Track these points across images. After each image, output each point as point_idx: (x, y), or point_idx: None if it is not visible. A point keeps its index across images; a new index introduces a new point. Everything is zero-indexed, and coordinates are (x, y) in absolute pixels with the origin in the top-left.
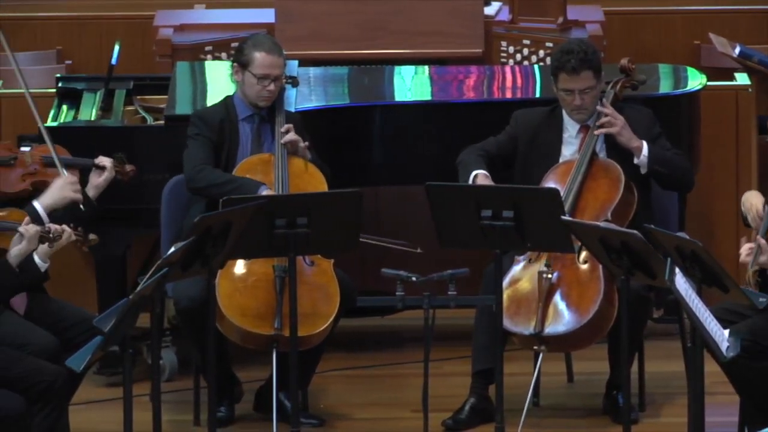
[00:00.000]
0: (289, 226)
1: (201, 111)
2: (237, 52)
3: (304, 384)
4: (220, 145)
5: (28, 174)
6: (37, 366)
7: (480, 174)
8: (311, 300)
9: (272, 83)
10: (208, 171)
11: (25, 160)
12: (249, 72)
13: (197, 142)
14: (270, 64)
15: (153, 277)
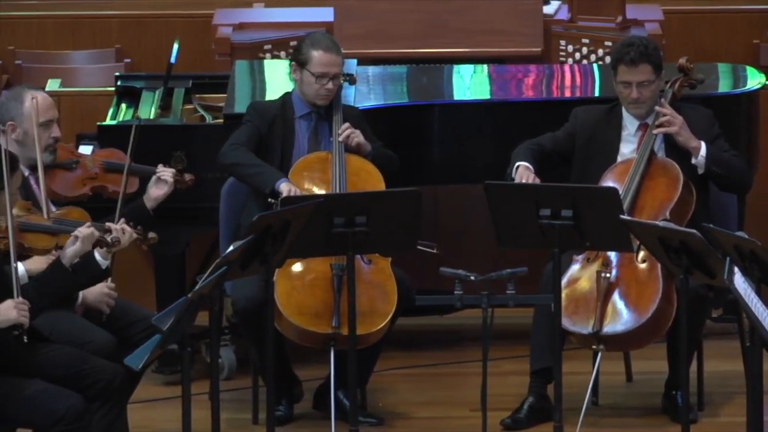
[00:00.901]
0: (347, 225)
1: (258, 102)
2: (295, 51)
3: (362, 383)
4: (269, 140)
5: (89, 178)
6: (96, 364)
7: (521, 165)
8: (369, 298)
9: (330, 81)
10: (241, 151)
11: (86, 164)
12: (307, 71)
13: (245, 127)
14: (328, 63)
15: (212, 276)
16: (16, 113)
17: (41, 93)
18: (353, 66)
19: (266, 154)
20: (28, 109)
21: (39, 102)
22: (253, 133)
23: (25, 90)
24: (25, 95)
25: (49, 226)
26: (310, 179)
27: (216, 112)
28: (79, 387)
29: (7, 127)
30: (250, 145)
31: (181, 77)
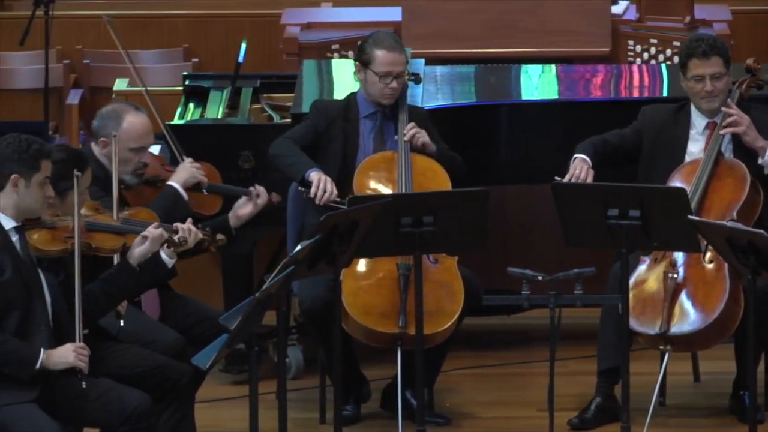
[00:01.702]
0: (415, 225)
1: (321, 101)
2: (359, 51)
3: (429, 382)
4: (328, 138)
5: None
6: (163, 364)
7: (578, 158)
8: (435, 298)
9: (394, 80)
10: (288, 143)
11: None
12: (371, 70)
13: (303, 123)
14: (391, 62)
15: (279, 276)
16: (112, 131)
17: (141, 116)
18: (421, 65)
19: (324, 152)
20: (123, 131)
21: (136, 126)
22: (308, 130)
23: (126, 110)
24: (124, 116)
25: (117, 226)
26: (376, 179)
27: (284, 112)
28: (146, 386)
29: (100, 143)
30: (301, 140)
31: (248, 77)
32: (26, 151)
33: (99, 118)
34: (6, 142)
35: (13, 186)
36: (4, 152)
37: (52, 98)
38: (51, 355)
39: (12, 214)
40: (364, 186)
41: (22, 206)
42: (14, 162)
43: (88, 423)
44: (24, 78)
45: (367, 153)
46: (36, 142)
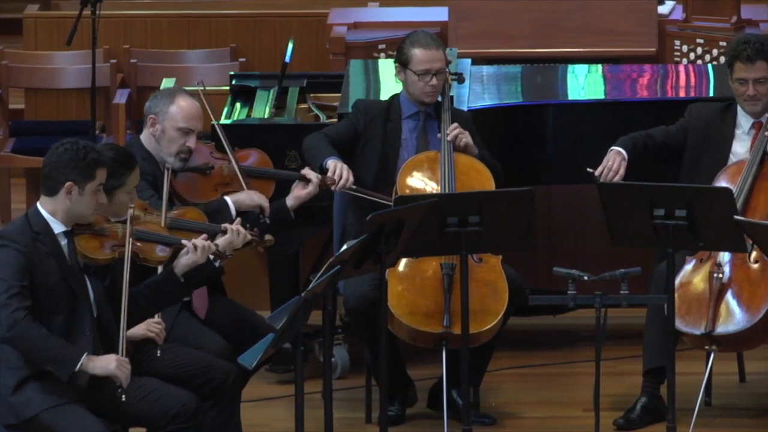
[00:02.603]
0: (461, 225)
1: (363, 100)
2: (397, 52)
3: (475, 382)
4: (367, 138)
5: (222, 184)
6: (209, 363)
7: (614, 150)
8: (480, 297)
9: (434, 77)
10: (318, 137)
11: (222, 170)
12: (410, 70)
13: (343, 121)
14: (429, 59)
15: (325, 275)
16: (161, 110)
17: (192, 101)
18: (467, 65)
19: (363, 150)
20: (173, 110)
21: (185, 108)
22: (346, 128)
23: (180, 92)
24: (176, 96)
25: (166, 237)
26: (419, 178)
27: (330, 112)
28: (192, 386)
29: (148, 120)
30: (336, 137)
31: (295, 76)
32: (83, 159)
33: (152, 98)
34: (63, 148)
35: (66, 193)
36: (60, 158)
37: (99, 98)
38: (93, 360)
39: (62, 219)
40: (408, 186)
41: (73, 213)
42: (70, 169)
43: (134, 422)
44: (71, 77)
45: (410, 153)
46: (93, 150)
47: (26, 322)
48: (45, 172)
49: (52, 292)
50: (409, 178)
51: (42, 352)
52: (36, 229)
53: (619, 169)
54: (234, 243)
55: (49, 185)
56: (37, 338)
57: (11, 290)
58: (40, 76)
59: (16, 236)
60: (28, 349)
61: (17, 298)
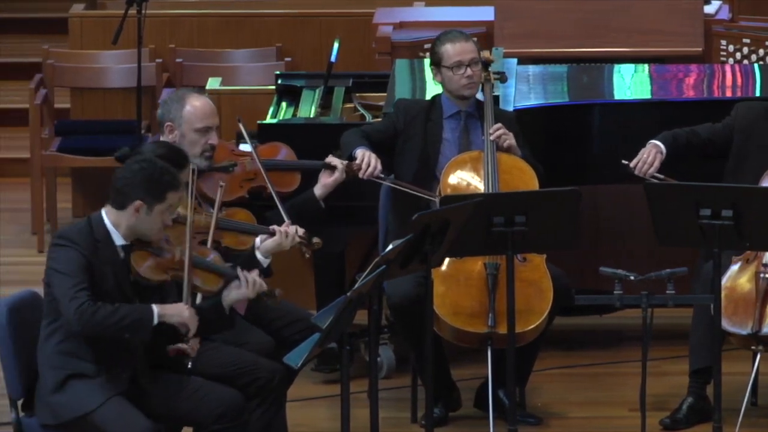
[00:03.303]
0: (507, 224)
1: (404, 99)
2: (430, 55)
3: (521, 382)
4: (407, 136)
5: (247, 180)
6: (255, 362)
7: (651, 143)
8: (524, 296)
9: (468, 69)
10: (353, 132)
11: (245, 167)
12: (444, 67)
13: (383, 120)
14: (460, 51)
15: (371, 275)
16: (176, 115)
17: (204, 98)
18: (513, 65)
19: (402, 150)
20: (187, 112)
21: (198, 108)
22: (384, 126)
23: (188, 93)
24: (186, 98)
25: (223, 269)
26: (463, 178)
27: (376, 111)
28: (238, 385)
29: (165, 128)
30: (374, 134)
31: (341, 76)
32: (157, 180)
33: (162, 105)
34: (139, 166)
35: (134, 210)
36: (135, 176)
37: (144, 97)
38: (165, 309)
39: (124, 233)
40: (451, 185)
41: (137, 230)
42: (142, 189)
43: (180, 421)
44: (117, 77)
45: (452, 153)
46: (168, 173)
47: (91, 308)
48: (117, 186)
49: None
50: (453, 177)
51: (118, 326)
52: (97, 236)
53: (654, 161)
54: (282, 245)
55: (119, 199)
56: (108, 316)
57: (80, 285)
58: (86, 76)
59: (77, 238)
60: (104, 330)
61: (85, 292)
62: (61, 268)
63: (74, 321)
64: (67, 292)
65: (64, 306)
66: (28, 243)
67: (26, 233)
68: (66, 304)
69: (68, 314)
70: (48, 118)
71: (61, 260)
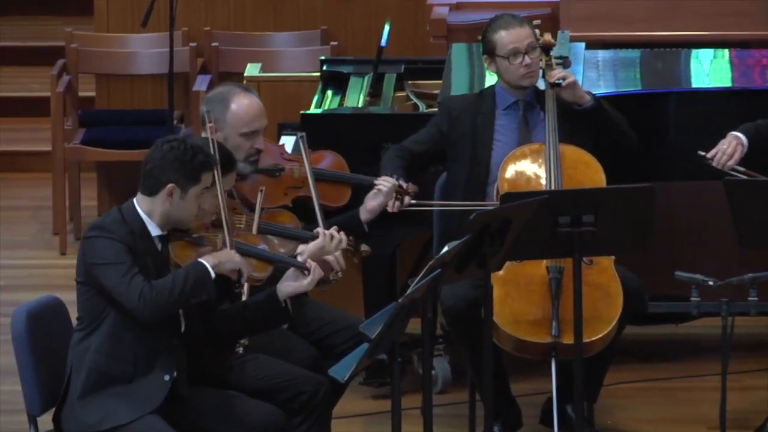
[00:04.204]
0: (573, 224)
1: (447, 98)
2: (483, 44)
3: (590, 397)
4: (455, 137)
5: (292, 188)
6: (297, 375)
7: (731, 134)
8: (591, 302)
9: (525, 56)
10: (391, 153)
11: (292, 173)
12: (499, 56)
13: (427, 126)
14: (514, 38)
15: (425, 279)
16: (219, 117)
17: (251, 97)
18: (581, 50)
19: (454, 152)
20: (232, 114)
21: (245, 109)
22: (429, 134)
23: (234, 91)
24: (232, 99)
25: (269, 254)
26: (523, 174)
27: (430, 100)
28: (279, 400)
29: (208, 129)
30: (418, 145)
31: (392, 62)
32: (189, 161)
33: (205, 102)
34: (169, 146)
35: (167, 195)
36: (165, 157)
37: (177, 84)
38: (215, 257)
39: (159, 221)
40: (509, 181)
41: (172, 216)
42: (174, 170)
43: None
44: (146, 63)
45: (511, 147)
46: (201, 152)
47: (150, 289)
48: (146, 169)
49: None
50: (510, 173)
51: (182, 294)
52: (131, 227)
53: (735, 154)
54: (326, 249)
55: (149, 184)
56: (170, 290)
57: (131, 270)
58: (113, 61)
59: (115, 228)
60: (171, 305)
61: (140, 277)
62: (106, 258)
63: (140, 309)
64: (122, 281)
65: (124, 297)
66: (48, 244)
67: (47, 233)
68: (125, 294)
69: (131, 304)
70: (71, 107)
71: (102, 251)
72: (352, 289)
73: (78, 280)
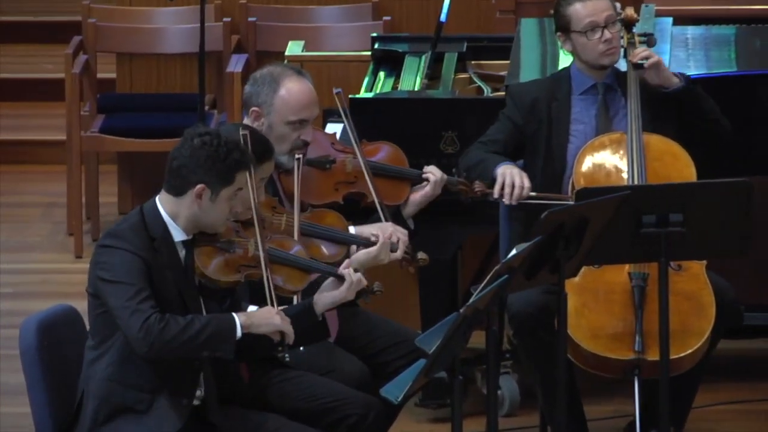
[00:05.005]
0: (659, 224)
1: (517, 86)
2: (555, 20)
3: (678, 421)
4: (530, 128)
5: (344, 183)
6: (345, 396)
7: None
8: (679, 313)
9: (605, 30)
10: (476, 150)
11: (344, 165)
12: (574, 32)
13: (499, 122)
14: (592, 11)
15: (490, 287)
16: (266, 101)
17: (304, 82)
18: (667, 26)
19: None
20: (280, 99)
21: (295, 95)
22: (503, 127)
23: (286, 73)
24: (282, 81)
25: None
26: (602, 166)
27: (497, 83)
28: (325, 423)
29: (251, 114)
30: (496, 144)
31: (453, 39)
32: (223, 160)
33: (251, 83)
34: (200, 141)
35: (196, 196)
36: (195, 154)
37: (209, 65)
38: (251, 317)
39: (184, 225)
40: (586, 175)
41: (200, 221)
42: (205, 169)
43: None
44: (174, 40)
45: (589, 136)
46: (237, 149)
47: (159, 323)
48: (173, 166)
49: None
50: (588, 165)
51: (194, 343)
52: (152, 233)
53: None
54: (378, 257)
55: (176, 183)
56: (181, 331)
57: (141, 294)
58: (136, 39)
59: (132, 238)
60: (176, 349)
61: (149, 302)
62: (115, 276)
63: (140, 340)
64: (127, 305)
65: (125, 323)
66: (63, 246)
67: (61, 234)
68: (126, 320)
69: (131, 332)
70: (89, 91)
71: (113, 266)
72: (407, 298)
73: (89, 290)
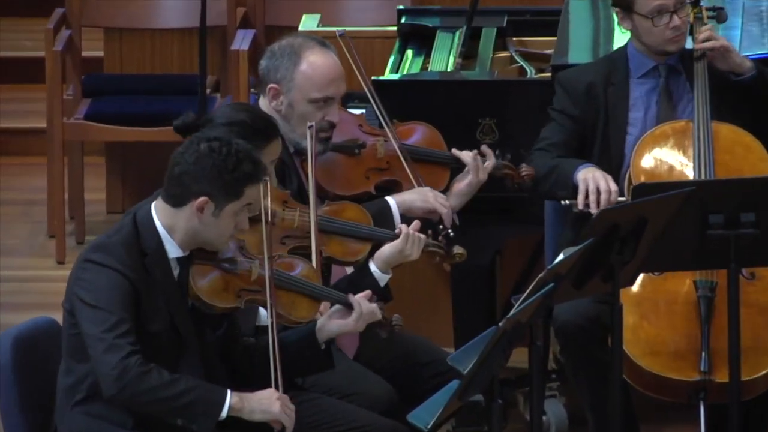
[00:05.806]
0: (728, 225)
1: (566, 74)
2: None
3: None
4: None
5: (376, 170)
6: (368, 421)
7: None
8: (752, 328)
9: (674, 16)
10: (541, 159)
11: (375, 150)
12: (638, 14)
13: (552, 122)
14: None
15: (533, 297)
16: (285, 75)
17: (329, 54)
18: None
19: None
20: (302, 74)
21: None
22: (561, 126)
23: (308, 45)
24: (304, 54)
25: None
26: (663, 160)
27: (541, 63)
28: None
29: (268, 91)
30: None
31: (491, 12)
32: (231, 171)
33: (269, 56)
34: (208, 147)
35: (197, 209)
36: (200, 162)
37: (211, 42)
38: (246, 400)
39: (180, 240)
40: (646, 170)
41: (199, 236)
42: (209, 181)
43: None
44: (171, 13)
45: (650, 125)
46: (249, 160)
47: (138, 368)
48: (174, 173)
49: (153, 338)
50: (648, 158)
51: (171, 405)
52: (145, 247)
53: None
54: (404, 253)
55: (175, 192)
56: (160, 387)
57: (121, 326)
58: (127, 12)
59: (121, 254)
60: (149, 403)
61: (128, 338)
62: (96, 300)
63: (111, 380)
64: (103, 337)
65: (98, 356)
66: (43, 250)
67: (41, 236)
68: (100, 353)
69: (103, 369)
70: (73, 71)
71: (95, 288)
72: (438, 309)
73: (65, 306)
